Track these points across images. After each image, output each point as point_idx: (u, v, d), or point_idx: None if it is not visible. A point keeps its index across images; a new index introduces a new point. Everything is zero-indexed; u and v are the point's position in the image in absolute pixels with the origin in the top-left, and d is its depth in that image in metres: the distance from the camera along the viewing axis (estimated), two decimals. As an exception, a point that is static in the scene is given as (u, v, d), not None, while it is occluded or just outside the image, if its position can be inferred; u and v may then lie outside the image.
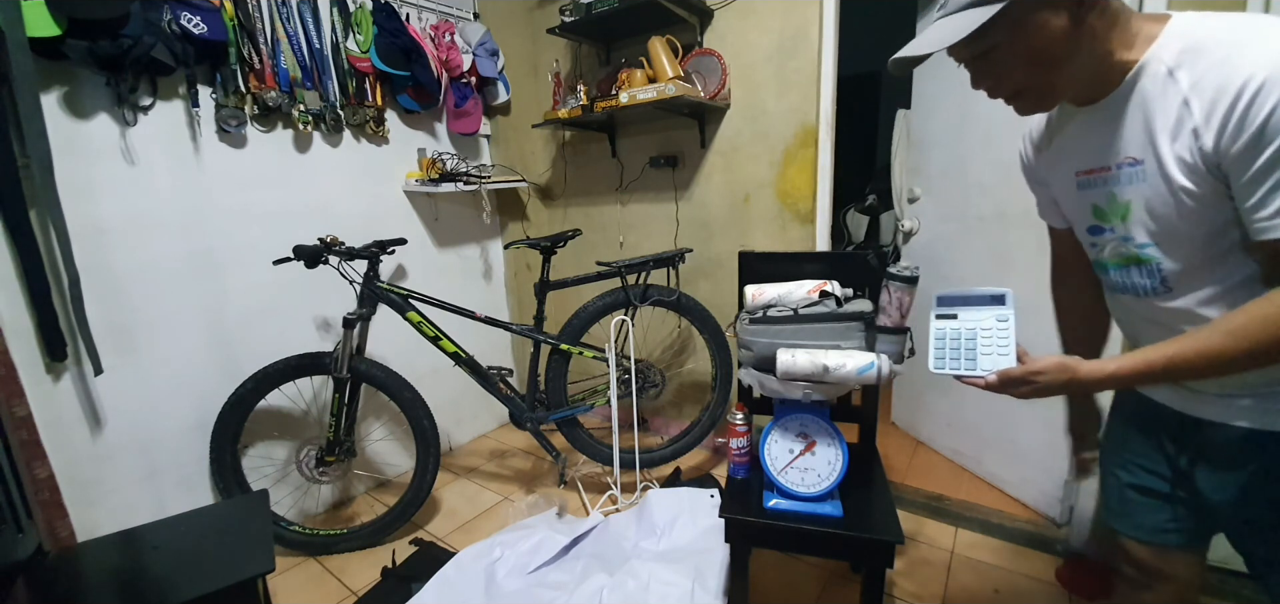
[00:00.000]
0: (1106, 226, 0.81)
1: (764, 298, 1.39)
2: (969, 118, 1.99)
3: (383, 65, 2.12)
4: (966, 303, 0.86)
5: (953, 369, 0.82)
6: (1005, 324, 0.82)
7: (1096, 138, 0.79)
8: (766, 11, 2.00)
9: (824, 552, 1.52)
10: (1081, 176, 0.83)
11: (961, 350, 0.83)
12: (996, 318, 0.83)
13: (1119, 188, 0.77)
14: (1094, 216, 0.83)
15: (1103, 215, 0.81)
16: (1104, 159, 0.78)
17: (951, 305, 0.86)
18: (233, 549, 1.36)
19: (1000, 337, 0.81)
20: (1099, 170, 0.79)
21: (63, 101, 1.54)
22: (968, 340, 0.83)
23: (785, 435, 1.27)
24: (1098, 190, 0.81)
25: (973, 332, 0.83)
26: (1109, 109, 0.75)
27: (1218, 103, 0.63)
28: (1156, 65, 0.70)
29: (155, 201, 1.72)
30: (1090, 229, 0.85)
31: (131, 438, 1.73)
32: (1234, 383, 0.77)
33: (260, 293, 1.97)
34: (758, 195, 2.17)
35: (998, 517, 1.93)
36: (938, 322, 0.86)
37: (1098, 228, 0.83)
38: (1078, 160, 0.83)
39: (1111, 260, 0.83)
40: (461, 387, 2.26)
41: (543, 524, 1.87)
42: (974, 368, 0.81)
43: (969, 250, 2.06)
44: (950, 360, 0.82)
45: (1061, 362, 0.78)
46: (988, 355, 0.81)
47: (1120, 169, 0.76)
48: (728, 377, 2.19)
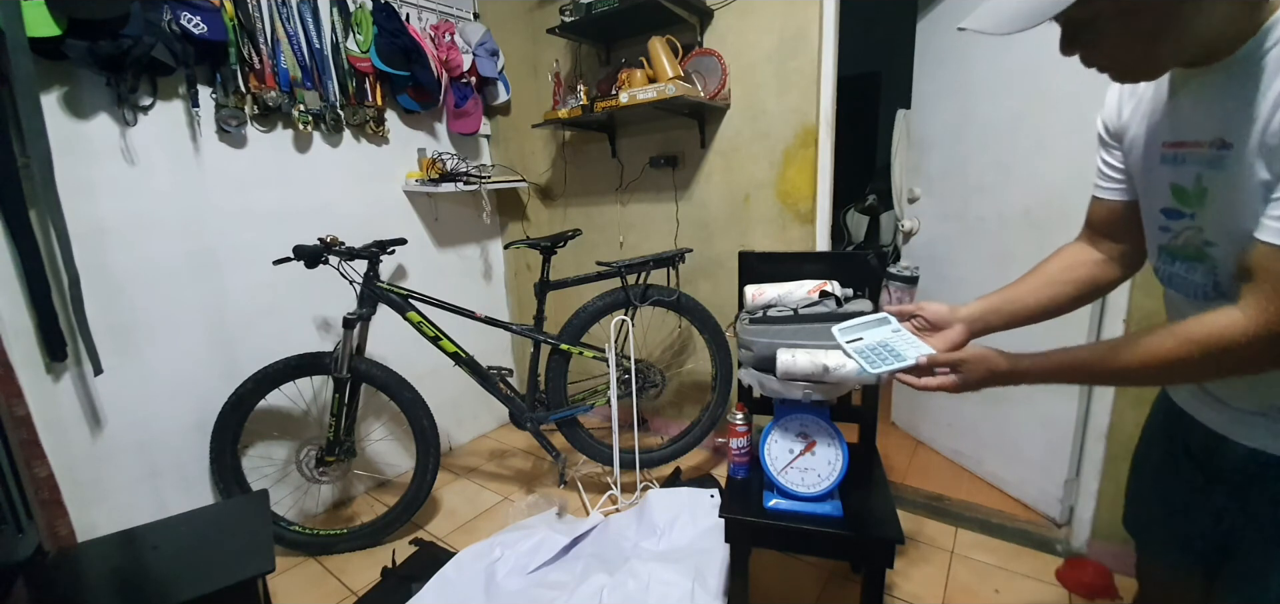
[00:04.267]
0: (1187, 212, 0.70)
1: (764, 298, 1.39)
2: (969, 118, 2.00)
3: (383, 65, 2.12)
4: (862, 328, 0.92)
5: (888, 367, 0.84)
6: (900, 332, 0.89)
7: (1199, 106, 0.66)
8: (766, 11, 2.00)
9: (824, 552, 1.53)
10: (1168, 150, 0.71)
11: (884, 355, 0.86)
12: (892, 330, 0.90)
13: (1207, 169, 0.66)
14: (1173, 198, 0.71)
15: (1184, 198, 0.70)
16: (1198, 132, 0.66)
17: (851, 333, 0.92)
18: (233, 549, 1.36)
19: (907, 339, 0.88)
20: (1190, 145, 0.68)
21: (63, 101, 1.54)
22: (884, 346, 0.88)
23: (785, 435, 1.27)
24: (1184, 168, 0.69)
25: (883, 340, 0.89)
26: (1220, 74, 0.63)
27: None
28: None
29: (155, 202, 1.72)
30: (1166, 211, 0.73)
31: (131, 438, 1.73)
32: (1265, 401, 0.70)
33: (260, 293, 1.96)
34: (758, 195, 2.17)
35: (998, 517, 1.93)
36: (851, 345, 0.90)
37: (1176, 212, 0.72)
38: (1168, 129, 0.71)
39: (1182, 251, 0.72)
40: (461, 387, 2.26)
41: (543, 524, 1.87)
42: (904, 361, 0.84)
43: (969, 250, 2.06)
44: (883, 363, 0.85)
45: (982, 354, 0.78)
46: (910, 348, 0.85)
47: (1213, 149, 0.64)
48: (728, 377, 2.19)
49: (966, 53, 1.97)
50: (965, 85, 1.99)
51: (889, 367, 0.84)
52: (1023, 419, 1.92)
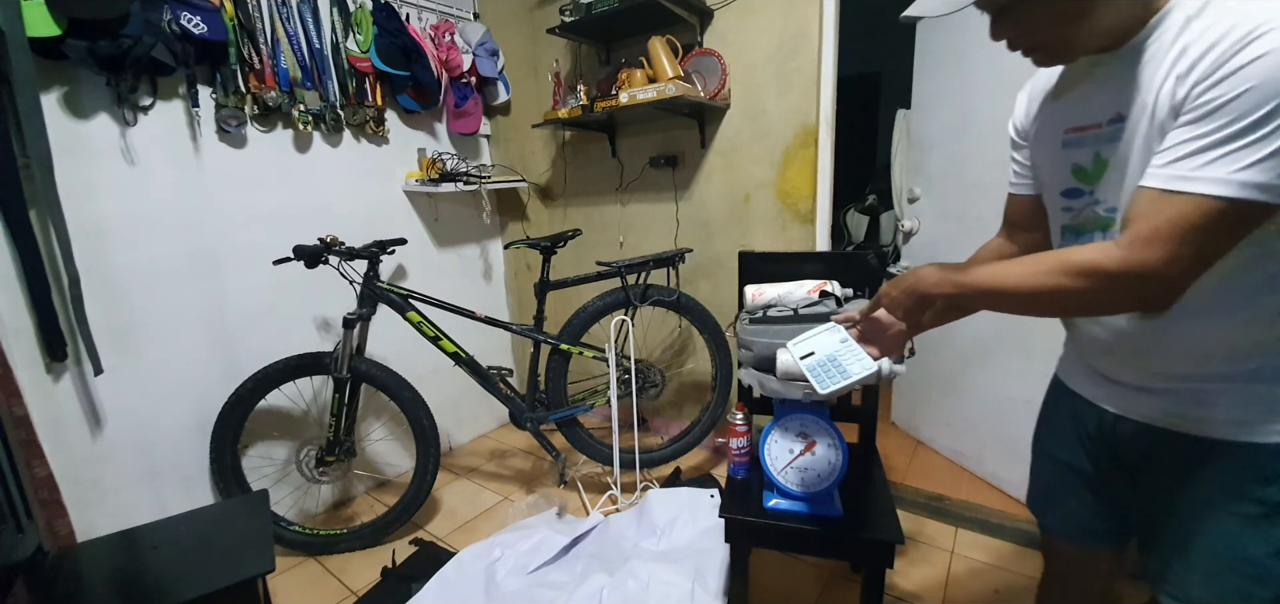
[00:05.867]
0: (1086, 189, 0.77)
1: (764, 298, 1.39)
2: (969, 118, 1.99)
3: (383, 65, 2.12)
4: (812, 340, 0.98)
5: (836, 385, 0.91)
6: (847, 343, 0.96)
7: (1098, 91, 0.73)
8: (766, 11, 2.00)
9: (824, 552, 1.53)
10: (1070, 134, 0.78)
11: (832, 371, 0.92)
12: (840, 340, 0.96)
13: (1102, 147, 0.73)
14: (1074, 178, 0.78)
15: (1083, 176, 0.77)
16: (1096, 115, 0.73)
17: (804, 347, 0.98)
18: (233, 549, 1.36)
19: (852, 351, 0.94)
20: (1089, 128, 0.75)
21: (63, 101, 1.54)
22: (832, 360, 0.94)
23: (785, 435, 1.27)
24: (1083, 149, 0.76)
25: (832, 353, 0.95)
26: (1119, 60, 0.70)
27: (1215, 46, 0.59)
28: (1179, 13, 0.65)
29: (155, 201, 1.72)
30: (1067, 192, 0.80)
31: (131, 438, 1.73)
32: (1149, 373, 0.76)
33: (260, 293, 1.96)
34: (758, 195, 2.17)
35: (998, 517, 1.93)
36: (804, 361, 0.96)
37: (1076, 191, 0.79)
38: (1070, 116, 0.78)
39: (1083, 226, 0.79)
40: (461, 387, 2.26)
41: (543, 524, 1.87)
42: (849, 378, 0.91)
43: (969, 250, 2.01)
44: (831, 380, 0.91)
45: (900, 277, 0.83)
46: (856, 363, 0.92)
47: (1108, 126, 0.72)
48: (728, 377, 2.19)
49: (966, 53, 1.96)
50: (965, 85, 1.99)
51: (836, 384, 0.90)
52: (1023, 419, 1.91)
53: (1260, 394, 0.69)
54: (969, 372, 2.13)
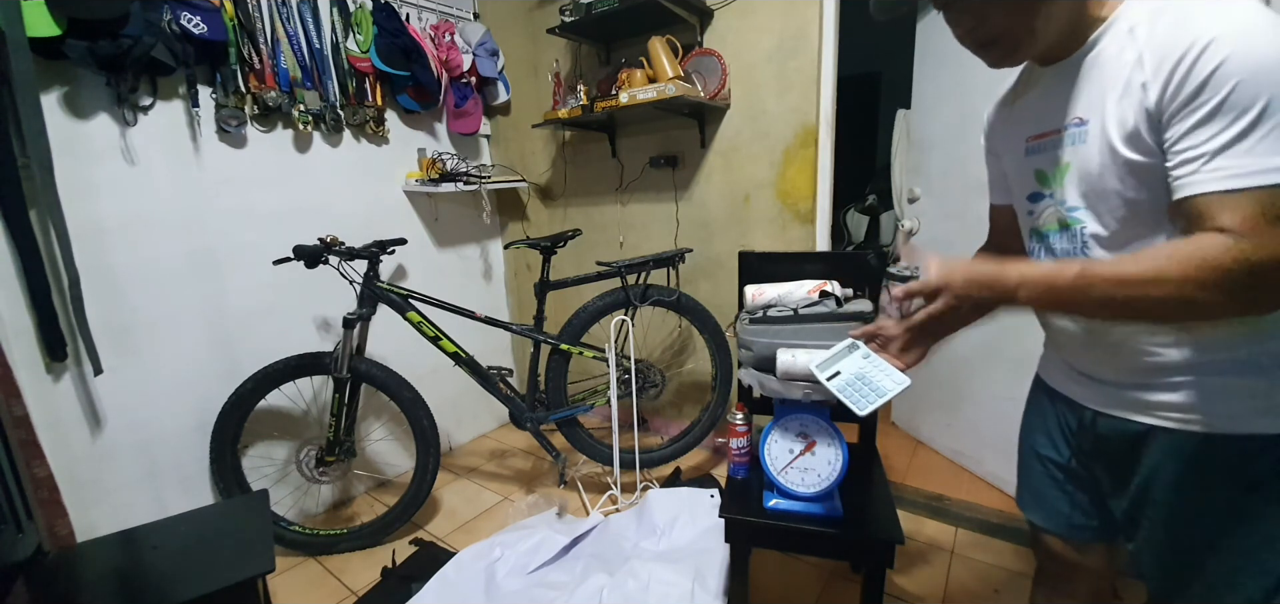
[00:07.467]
0: (1046, 192, 0.80)
1: (764, 298, 1.39)
2: (969, 118, 1.99)
3: (383, 65, 2.12)
4: (835, 361, 0.99)
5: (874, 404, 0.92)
6: (871, 359, 0.96)
7: (1053, 99, 0.77)
8: (766, 11, 2.00)
9: (824, 552, 1.53)
10: (1032, 141, 0.81)
11: (865, 390, 0.93)
12: (862, 356, 0.97)
13: (1063, 150, 0.76)
14: (1036, 182, 0.81)
15: (1044, 180, 0.80)
16: (1055, 121, 0.76)
17: (829, 368, 0.98)
18: (233, 549, 1.36)
19: (879, 366, 0.95)
20: (1049, 133, 0.78)
21: (63, 101, 1.54)
22: (861, 379, 0.95)
23: (785, 435, 1.27)
24: (1044, 155, 0.79)
25: (859, 371, 0.95)
26: (1070, 68, 0.74)
27: (1167, 57, 0.62)
28: (1123, 23, 0.69)
29: (155, 201, 1.72)
30: (1030, 196, 0.83)
31: (131, 438, 1.73)
32: (1127, 369, 0.76)
33: (260, 293, 1.96)
34: (758, 195, 2.17)
35: (998, 517, 1.93)
36: (831, 382, 0.97)
37: (1037, 194, 0.82)
38: (1031, 124, 0.82)
39: (1047, 227, 0.81)
40: (461, 387, 2.26)
41: (543, 524, 1.87)
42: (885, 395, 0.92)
43: (969, 250, 2.03)
44: (866, 400, 0.92)
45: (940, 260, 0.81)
46: (887, 378, 0.93)
47: (1068, 130, 0.75)
48: (728, 377, 2.19)
49: (966, 53, 1.96)
50: (965, 85, 1.99)
51: (874, 404, 0.91)
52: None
53: (1242, 387, 0.69)
54: (969, 372, 2.13)
